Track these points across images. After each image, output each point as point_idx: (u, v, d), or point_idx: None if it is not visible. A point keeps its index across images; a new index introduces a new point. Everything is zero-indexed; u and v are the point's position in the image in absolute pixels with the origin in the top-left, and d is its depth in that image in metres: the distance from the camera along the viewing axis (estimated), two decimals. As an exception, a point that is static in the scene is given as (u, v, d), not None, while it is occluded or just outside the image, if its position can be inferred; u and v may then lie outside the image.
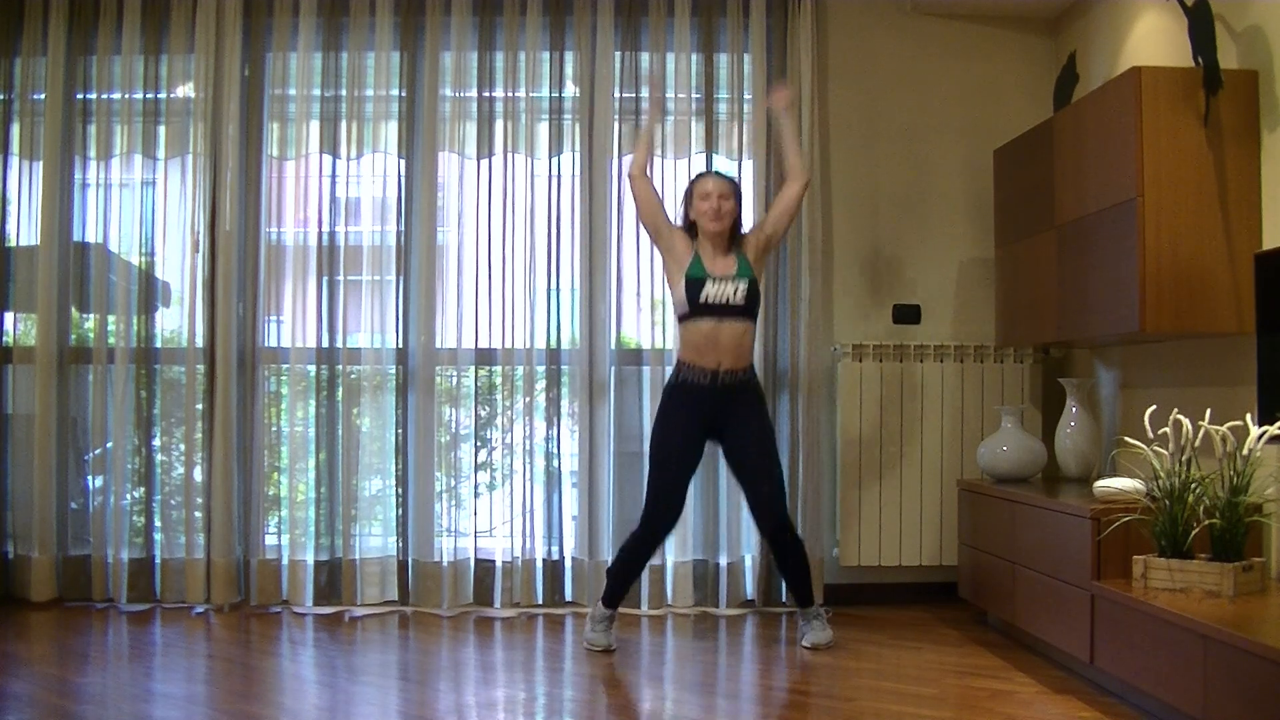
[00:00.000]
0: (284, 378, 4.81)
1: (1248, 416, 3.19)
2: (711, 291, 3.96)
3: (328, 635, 4.28)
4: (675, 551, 4.68)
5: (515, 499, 4.71)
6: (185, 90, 4.76)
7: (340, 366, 4.71)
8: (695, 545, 4.71)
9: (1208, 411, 3.27)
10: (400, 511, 4.69)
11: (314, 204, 4.77)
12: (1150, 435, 3.34)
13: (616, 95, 4.76)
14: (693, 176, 4.21)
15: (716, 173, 4.19)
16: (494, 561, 4.70)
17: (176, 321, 4.85)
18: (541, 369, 4.72)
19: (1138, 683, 3.14)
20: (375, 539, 4.78)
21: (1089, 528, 3.42)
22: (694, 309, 3.97)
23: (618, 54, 4.76)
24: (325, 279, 4.73)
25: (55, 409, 4.66)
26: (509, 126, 4.77)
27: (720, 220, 4.00)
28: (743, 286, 3.97)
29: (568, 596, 4.70)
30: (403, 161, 4.75)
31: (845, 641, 4.21)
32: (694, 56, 4.78)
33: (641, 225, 4.33)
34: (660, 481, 4.02)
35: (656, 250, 4.22)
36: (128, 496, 4.71)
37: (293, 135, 4.77)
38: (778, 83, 4.53)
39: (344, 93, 4.73)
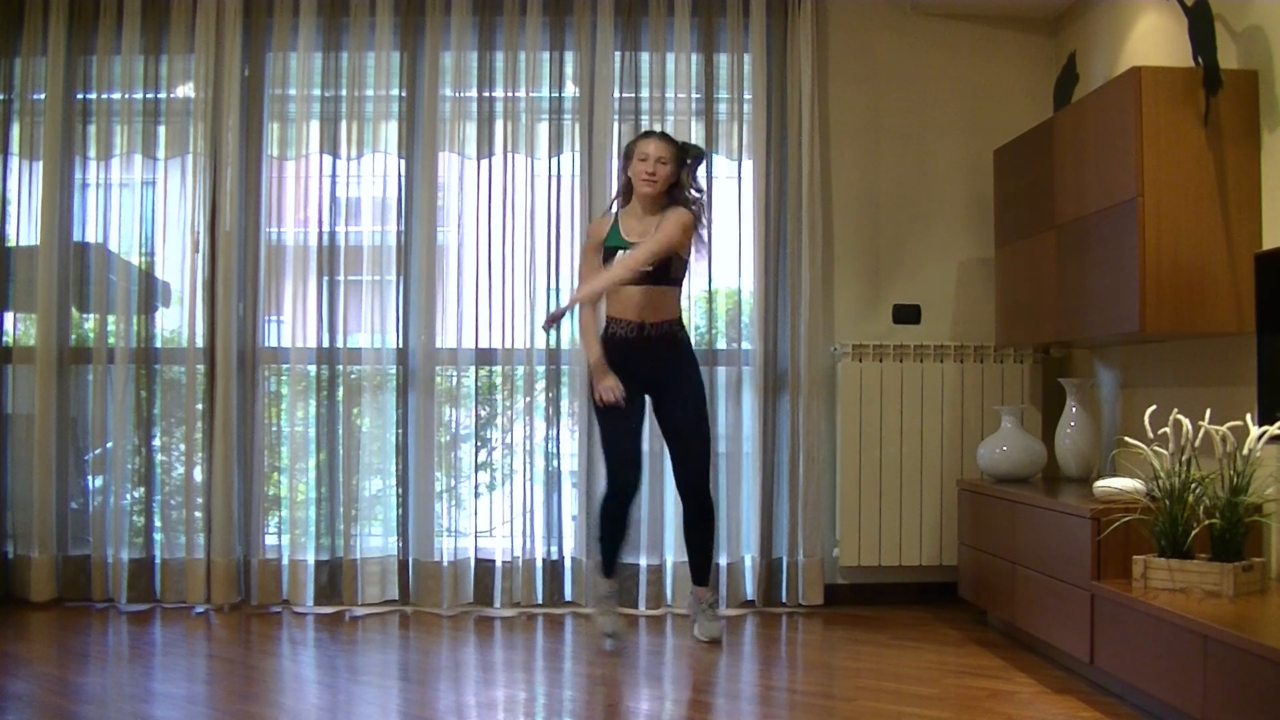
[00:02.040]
0: (284, 378, 4.81)
1: (1248, 416, 3.19)
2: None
3: (328, 635, 4.28)
4: (675, 552, 4.68)
5: (515, 499, 4.71)
6: (185, 90, 4.76)
7: (340, 366, 4.71)
8: (695, 545, 4.71)
9: (1208, 411, 3.27)
10: (400, 511, 4.69)
11: (314, 204, 4.77)
12: (1150, 435, 3.34)
13: (616, 95, 4.76)
14: (636, 135, 4.24)
15: (661, 134, 4.14)
16: (494, 561, 4.70)
17: (176, 321, 4.85)
18: (541, 369, 4.72)
19: (1138, 683, 3.14)
20: (375, 539, 4.79)
21: (1089, 528, 3.42)
22: None
23: (618, 54, 4.76)
24: (325, 279, 4.73)
25: (55, 409, 4.66)
26: (509, 126, 4.77)
27: (653, 184, 4.01)
28: None
29: (567, 596, 4.69)
30: (403, 161, 4.75)
31: (845, 641, 4.22)
32: (694, 56, 4.78)
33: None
34: (608, 434, 4.05)
35: None
36: (128, 496, 4.71)
37: (293, 135, 4.77)
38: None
39: (344, 93, 4.73)
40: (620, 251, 4.00)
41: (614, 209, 4.19)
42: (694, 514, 4.14)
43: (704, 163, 4.39)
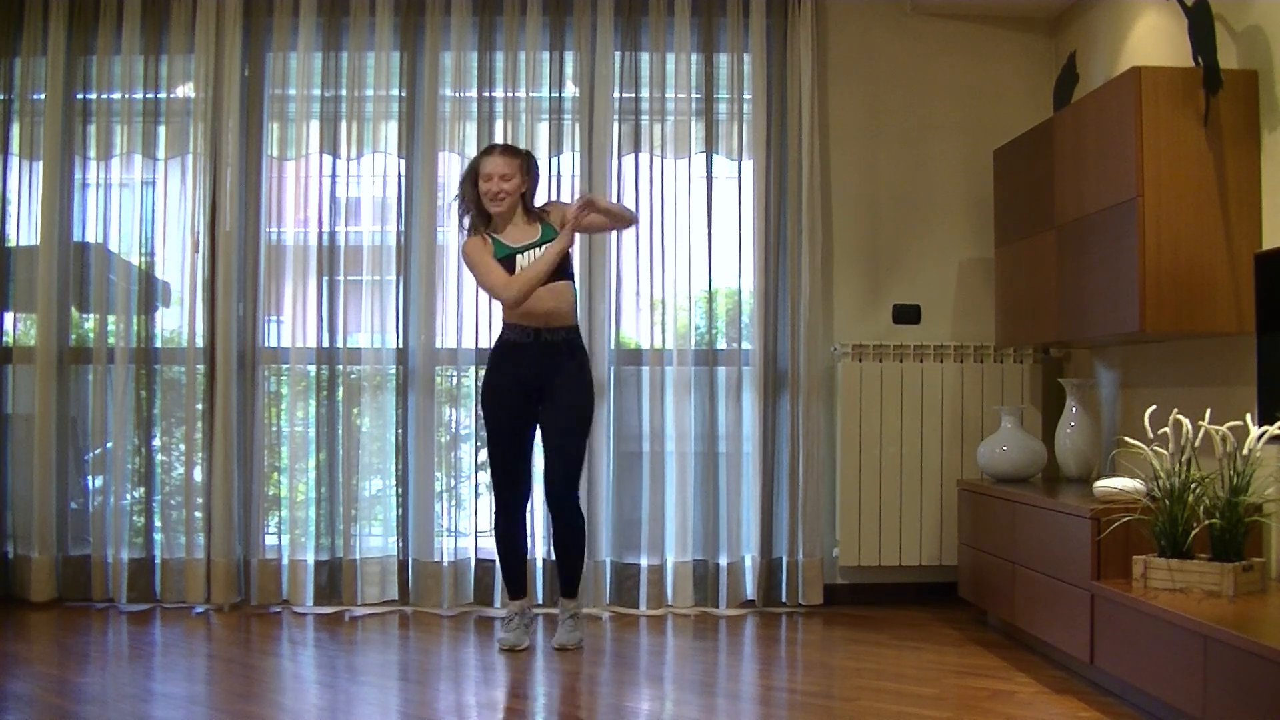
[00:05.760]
0: (284, 378, 4.81)
1: (1248, 416, 3.19)
2: (523, 265, 3.96)
3: (328, 635, 4.28)
4: (675, 551, 4.69)
5: (515, 499, 4.71)
6: (185, 90, 4.77)
7: (340, 366, 4.72)
8: (695, 545, 4.71)
9: (1208, 411, 3.27)
10: (400, 511, 4.69)
11: (314, 204, 4.77)
12: (1150, 435, 3.34)
13: (616, 95, 4.76)
14: (477, 153, 4.20)
15: (503, 148, 4.09)
16: (494, 561, 4.68)
17: (176, 321, 4.85)
18: (541, 369, 4.72)
19: (1138, 683, 3.14)
20: (375, 539, 4.79)
21: (1089, 528, 3.42)
22: None
23: (618, 54, 4.76)
24: (325, 279, 4.73)
25: (55, 409, 4.66)
26: (509, 126, 4.77)
27: (499, 202, 3.98)
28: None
29: (568, 596, 4.70)
30: (403, 161, 4.75)
31: (845, 641, 4.22)
32: (694, 56, 4.78)
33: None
34: (497, 446, 4.05)
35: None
36: (128, 496, 4.71)
37: (293, 135, 4.78)
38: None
39: (344, 93, 4.73)
40: (519, 256, 3.97)
41: (469, 230, 4.06)
42: (559, 521, 4.08)
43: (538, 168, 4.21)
